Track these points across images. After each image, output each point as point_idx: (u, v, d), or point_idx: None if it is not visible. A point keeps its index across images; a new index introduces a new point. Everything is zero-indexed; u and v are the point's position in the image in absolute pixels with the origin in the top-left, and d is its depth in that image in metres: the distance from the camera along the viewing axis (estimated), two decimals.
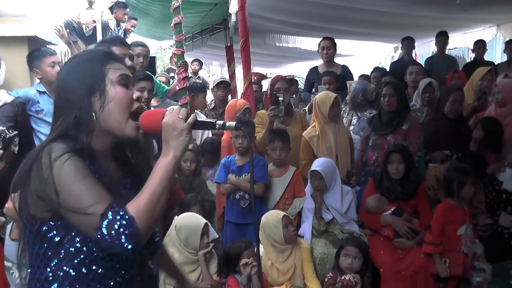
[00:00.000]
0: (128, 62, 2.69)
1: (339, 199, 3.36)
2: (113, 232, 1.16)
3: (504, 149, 3.67)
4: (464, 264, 2.98)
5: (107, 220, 1.17)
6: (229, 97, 5.40)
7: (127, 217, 1.18)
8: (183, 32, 4.81)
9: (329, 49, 5.06)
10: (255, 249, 2.92)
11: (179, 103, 4.54)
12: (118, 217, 1.17)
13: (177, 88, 4.63)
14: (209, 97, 5.80)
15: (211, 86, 5.77)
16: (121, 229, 1.17)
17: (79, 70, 1.32)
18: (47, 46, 4.11)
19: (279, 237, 2.95)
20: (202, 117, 1.35)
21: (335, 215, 3.34)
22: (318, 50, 5.23)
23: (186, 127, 1.29)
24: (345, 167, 3.68)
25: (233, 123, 1.37)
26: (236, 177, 3.41)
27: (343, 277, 2.83)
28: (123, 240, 1.17)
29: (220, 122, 1.36)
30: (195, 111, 4.43)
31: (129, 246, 1.17)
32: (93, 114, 1.29)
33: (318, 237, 3.27)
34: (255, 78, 5.77)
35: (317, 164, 3.37)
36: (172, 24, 4.66)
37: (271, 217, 3.03)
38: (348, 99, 4.43)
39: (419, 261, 3.10)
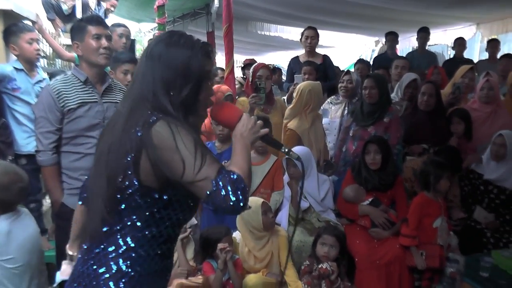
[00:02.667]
0: (105, 43, 2.61)
1: (316, 186, 3.37)
2: (228, 186, 1.31)
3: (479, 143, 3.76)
4: (440, 256, 3.03)
5: (223, 173, 1.32)
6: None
7: (237, 176, 1.34)
8: (166, 15, 4.72)
9: (312, 39, 5.02)
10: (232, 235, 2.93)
11: None
12: (232, 175, 1.33)
13: None
14: None
15: None
16: (236, 185, 1.32)
17: (185, 62, 1.40)
18: (24, 22, 3.99)
19: (258, 223, 2.94)
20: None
21: (312, 203, 3.35)
22: (300, 39, 5.18)
23: (260, 133, 1.49)
24: (323, 154, 3.71)
25: (296, 154, 1.54)
26: None
27: (319, 266, 2.84)
28: (239, 193, 1.32)
29: (285, 148, 1.53)
30: None
31: (242, 200, 1.33)
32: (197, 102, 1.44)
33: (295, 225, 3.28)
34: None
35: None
36: (155, 6, 4.58)
37: (250, 203, 3.00)
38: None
39: (394, 251, 3.13)
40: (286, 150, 1.51)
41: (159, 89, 1.40)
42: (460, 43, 6.52)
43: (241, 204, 1.32)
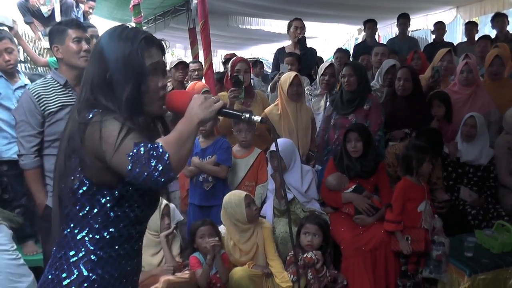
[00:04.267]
0: (85, 45, 2.63)
1: (299, 179, 3.37)
2: (143, 157, 1.23)
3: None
4: (425, 239, 3.05)
5: (140, 145, 1.25)
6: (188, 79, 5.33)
7: (155, 144, 1.26)
8: (142, 14, 4.71)
9: (301, 29, 5.08)
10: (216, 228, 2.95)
11: None
12: (149, 145, 1.25)
13: None
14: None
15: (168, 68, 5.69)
16: (151, 152, 1.24)
17: (124, 59, 1.36)
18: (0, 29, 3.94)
19: (242, 216, 2.96)
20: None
21: (296, 194, 3.36)
22: (288, 31, 5.21)
23: (214, 108, 1.39)
24: (305, 147, 3.71)
25: (259, 117, 1.45)
26: (199, 159, 3.38)
27: (304, 255, 2.87)
28: (153, 162, 1.23)
29: (246, 114, 1.44)
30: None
31: (159, 169, 1.23)
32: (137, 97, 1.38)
33: (280, 217, 3.30)
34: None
35: None
36: (130, 6, 4.56)
37: (233, 196, 3.03)
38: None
39: (379, 236, 3.16)
40: (247, 116, 1.44)
41: (98, 86, 1.37)
42: (439, 27, 6.58)
43: (157, 174, 1.23)
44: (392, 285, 3.17)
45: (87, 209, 1.38)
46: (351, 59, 5.75)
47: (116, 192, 1.38)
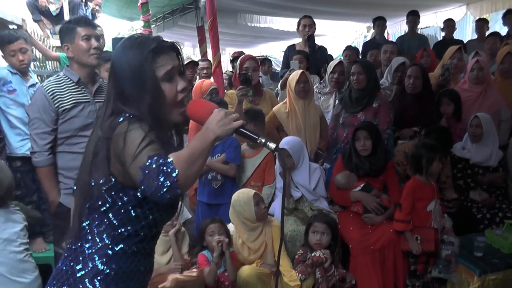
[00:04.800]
0: (95, 43, 2.64)
1: (307, 177, 3.36)
2: (154, 172, 1.23)
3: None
4: (435, 239, 3.02)
5: (153, 158, 1.25)
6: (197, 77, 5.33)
7: (167, 160, 1.25)
8: (150, 12, 4.72)
9: (310, 27, 5.05)
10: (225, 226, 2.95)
11: None
12: (161, 160, 1.25)
13: None
14: None
15: None
16: (161, 167, 1.23)
17: (135, 74, 1.38)
18: (10, 27, 3.96)
19: (251, 214, 2.95)
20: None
21: (304, 193, 3.35)
22: (297, 29, 5.19)
23: (233, 126, 1.37)
24: (314, 145, 3.69)
25: (273, 145, 1.44)
26: (209, 157, 3.37)
27: (313, 254, 2.86)
28: (162, 178, 1.23)
29: (262, 139, 1.43)
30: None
31: (166, 185, 1.23)
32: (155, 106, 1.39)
33: (288, 215, 3.29)
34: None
35: (285, 142, 3.37)
36: (139, 4, 4.57)
37: (242, 195, 3.02)
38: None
39: (388, 236, 3.14)
40: (263, 141, 1.43)
41: (120, 101, 1.41)
42: (449, 25, 6.51)
43: (163, 190, 1.24)
44: (401, 284, 3.15)
45: (108, 204, 1.41)
46: (360, 57, 5.71)
47: (139, 193, 1.40)
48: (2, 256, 2.42)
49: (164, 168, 1.24)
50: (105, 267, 1.41)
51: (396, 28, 9.87)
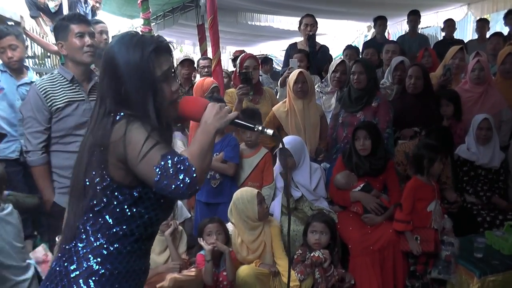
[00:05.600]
0: (88, 40, 2.61)
1: (308, 176, 3.35)
2: (171, 170, 1.26)
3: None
4: (435, 240, 3.01)
5: (167, 157, 1.28)
6: (197, 75, 5.31)
7: (182, 157, 1.29)
8: (150, 10, 4.70)
9: (312, 26, 5.03)
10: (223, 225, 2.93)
11: None
12: (176, 158, 1.28)
13: None
14: None
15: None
16: (179, 166, 1.27)
17: (136, 73, 1.37)
18: (7, 23, 3.93)
19: (253, 213, 2.93)
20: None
21: (304, 192, 3.33)
22: (299, 28, 5.17)
23: (229, 118, 1.43)
24: (313, 144, 3.67)
25: (271, 131, 1.47)
26: None
27: (312, 254, 2.85)
28: (181, 176, 1.26)
29: (259, 127, 1.47)
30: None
31: (187, 182, 1.27)
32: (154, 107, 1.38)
33: (288, 215, 3.26)
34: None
35: (286, 142, 3.33)
36: (139, 1, 4.55)
37: (245, 193, 3.00)
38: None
39: (388, 236, 3.12)
40: (260, 129, 1.46)
41: (119, 99, 1.39)
42: (449, 24, 6.51)
43: (185, 187, 1.27)
44: (400, 285, 3.13)
45: (103, 204, 1.40)
46: (360, 57, 5.69)
47: (135, 192, 1.40)
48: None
49: (181, 166, 1.27)
50: (100, 267, 1.40)
51: (397, 28, 9.85)
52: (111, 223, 1.40)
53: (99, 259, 1.40)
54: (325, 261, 2.83)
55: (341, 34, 11.93)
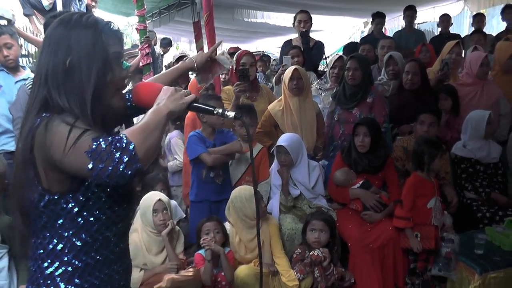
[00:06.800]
0: None
1: (306, 174, 3.31)
2: (105, 151, 1.13)
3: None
4: (435, 237, 2.99)
5: (99, 140, 1.15)
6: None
7: (118, 136, 1.16)
8: (145, 7, 4.66)
9: (306, 23, 4.98)
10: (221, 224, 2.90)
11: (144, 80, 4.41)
12: (109, 138, 1.15)
13: (141, 64, 4.49)
14: None
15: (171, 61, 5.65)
16: (114, 144, 1.14)
17: (88, 45, 1.27)
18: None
19: (251, 211, 2.90)
20: None
21: (302, 190, 3.30)
22: (293, 24, 5.14)
23: (185, 100, 1.31)
24: (310, 142, 3.63)
25: (232, 113, 1.39)
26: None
27: (311, 253, 2.82)
28: (118, 154, 1.13)
29: (219, 110, 1.38)
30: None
31: (124, 160, 1.13)
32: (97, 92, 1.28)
33: (286, 213, 3.24)
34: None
35: (283, 139, 3.31)
36: None
37: (244, 191, 2.97)
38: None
39: (388, 233, 3.10)
40: (220, 112, 1.39)
41: (53, 76, 1.27)
42: (444, 19, 6.56)
43: (123, 166, 1.13)
44: (400, 282, 3.11)
45: (52, 219, 1.28)
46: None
47: (80, 196, 1.28)
48: None
49: (118, 144, 1.14)
50: (68, 286, 1.30)
51: (394, 23, 9.84)
52: (67, 236, 1.29)
53: (65, 277, 1.30)
54: (324, 259, 2.80)
55: (338, 30, 11.90)
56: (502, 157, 3.69)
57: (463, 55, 4.70)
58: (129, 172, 1.15)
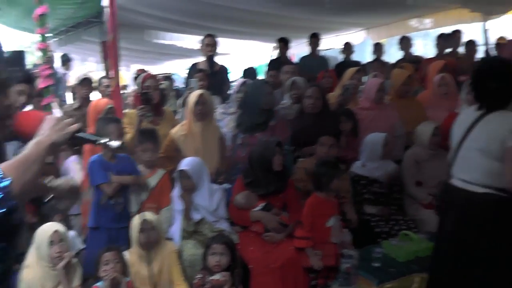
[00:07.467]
0: None
1: (207, 198, 3.30)
2: None
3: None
4: (335, 254, 3.09)
5: None
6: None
7: None
8: (48, 25, 4.42)
9: (212, 46, 5.03)
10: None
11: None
12: None
13: (40, 86, 4.25)
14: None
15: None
16: None
17: None
18: None
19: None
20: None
21: (204, 214, 3.28)
22: (201, 47, 5.17)
23: (68, 130, 1.30)
24: (213, 166, 3.62)
25: (117, 142, 1.42)
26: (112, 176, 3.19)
27: (211, 278, 2.78)
28: None
29: (102, 140, 1.37)
30: None
31: None
32: None
33: (188, 238, 3.19)
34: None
35: (185, 164, 3.28)
36: (35, 15, 4.24)
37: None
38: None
39: (289, 254, 3.13)
40: (103, 142, 1.39)
41: None
42: (346, 47, 7.00)
43: None
44: None
45: None
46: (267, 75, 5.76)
47: None
48: None
49: None
50: None
51: (300, 49, 10.18)
52: None
53: None
54: (225, 283, 2.77)
55: (243, 54, 12.02)
56: (399, 175, 3.92)
57: (363, 81, 5.00)
58: (3, 210, 1.09)
